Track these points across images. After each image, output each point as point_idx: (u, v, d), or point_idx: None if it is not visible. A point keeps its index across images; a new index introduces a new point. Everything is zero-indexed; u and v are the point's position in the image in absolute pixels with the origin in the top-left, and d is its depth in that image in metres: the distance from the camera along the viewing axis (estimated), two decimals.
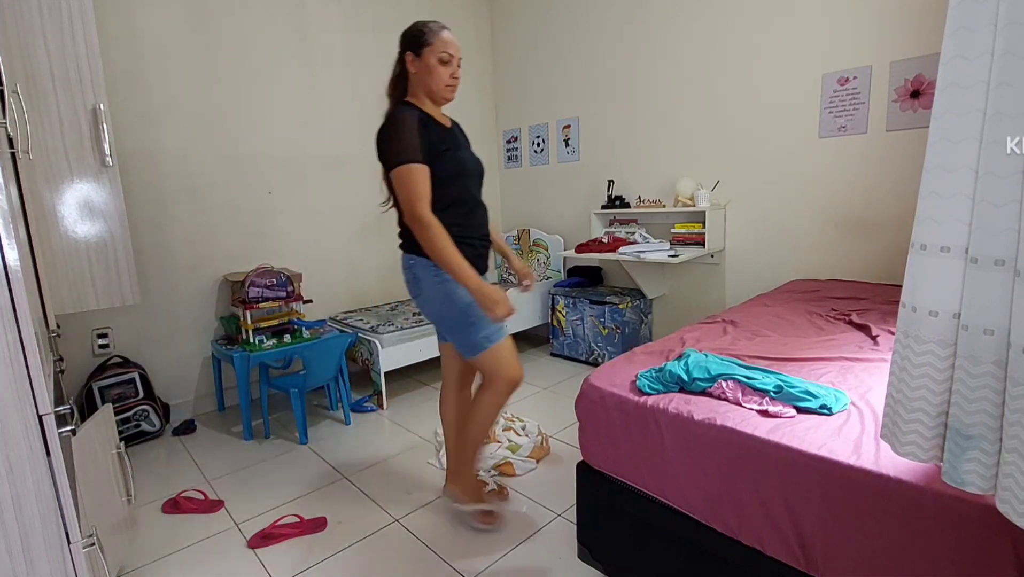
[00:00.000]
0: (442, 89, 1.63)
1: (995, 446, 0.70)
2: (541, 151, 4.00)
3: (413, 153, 1.53)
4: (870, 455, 0.98)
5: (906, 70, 2.34)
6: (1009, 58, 0.62)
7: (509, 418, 2.58)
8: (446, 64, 1.61)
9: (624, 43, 3.34)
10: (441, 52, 1.59)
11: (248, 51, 2.95)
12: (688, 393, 1.32)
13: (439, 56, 1.59)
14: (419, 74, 1.62)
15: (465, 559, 1.68)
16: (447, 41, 1.60)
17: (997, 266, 0.66)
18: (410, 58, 1.62)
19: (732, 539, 1.17)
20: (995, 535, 0.82)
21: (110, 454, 1.54)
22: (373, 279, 3.63)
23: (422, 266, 1.63)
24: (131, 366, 2.63)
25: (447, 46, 1.60)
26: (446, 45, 1.59)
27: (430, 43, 1.58)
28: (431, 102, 1.66)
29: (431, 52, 1.58)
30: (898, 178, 2.42)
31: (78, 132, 1.77)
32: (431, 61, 1.59)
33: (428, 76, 1.60)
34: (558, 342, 3.60)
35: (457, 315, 1.63)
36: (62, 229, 1.78)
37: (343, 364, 2.76)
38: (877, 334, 1.68)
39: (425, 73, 1.61)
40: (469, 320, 1.62)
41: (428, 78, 1.61)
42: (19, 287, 0.84)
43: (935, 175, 0.72)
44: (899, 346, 0.80)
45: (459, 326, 1.65)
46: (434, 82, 1.61)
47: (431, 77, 1.60)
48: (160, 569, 1.71)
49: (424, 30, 1.60)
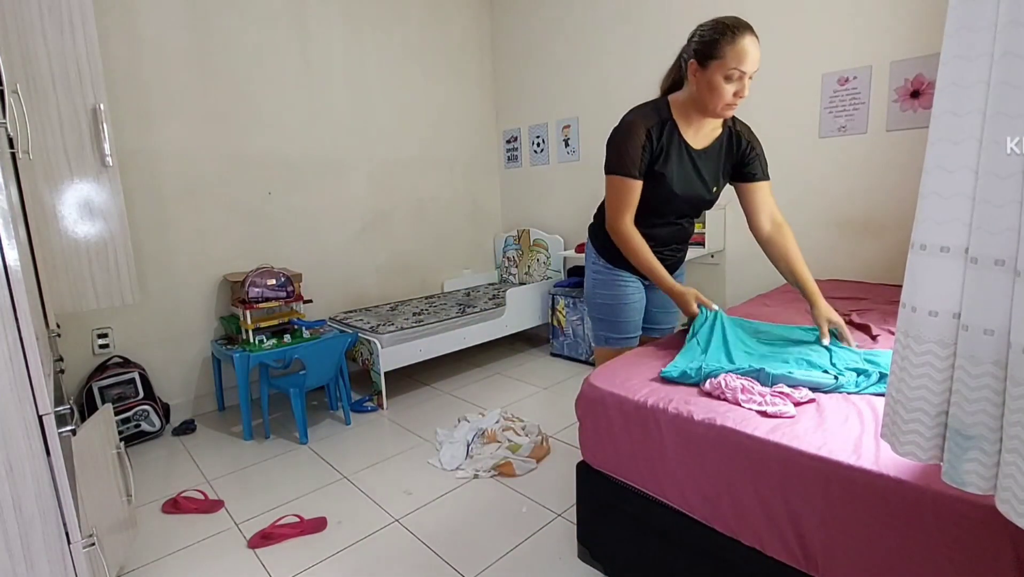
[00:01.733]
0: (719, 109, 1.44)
1: (995, 446, 0.70)
2: (541, 151, 4.00)
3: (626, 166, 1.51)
4: (870, 455, 0.98)
5: (906, 70, 2.34)
6: (1009, 58, 0.62)
7: (509, 418, 2.58)
8: (733, 81, 1.39)
9: (624, 43, 3.34)
10: (732, 68, 1.36)
11: (248, 51, 2.95)
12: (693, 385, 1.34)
13: (727, 73, 1.37)
14: (697, 87, 1.44)
15: (465, 559, 1.68)
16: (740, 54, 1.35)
17: (997, 266, 0.66)
18: (693, 67, 1.43)
19: (732, 539, 1.17)
20: (995, 535, 0.82)
21: (110, 454, 1.54)
22: (373, 279, 3.63)
23: (588, 253, 1.81)
24: (131, 366, 2.63)
25: (740, 60, 1.35)
26: (740, 59, 1.35)
27: (720, 56, 1.36)
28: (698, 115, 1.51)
29: (719, 67, 1.37)
30: (898, 178, 2.42)
31: (78, 132, 1.77)
32: (716, 78, 1.38)
33: (709, 91, 1.41)
34: (558, 342, 3.60)
35: (591, 305, 1.82)
36: (62, 229, 1.78)
37: (343, 364, 2.76)
38: (877, 334, 1.68)
39: (705, 89, 1.42)
40: (593, 315, 1.81)
41: (707, 92, 1.42)
42: (19, 287, 0.84)
43: (935, 175, 0.72)
44: (899, 346, 0.80)
45: (591, 316, 1.84)
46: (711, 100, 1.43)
47: (711, 93, 1.41)
48: (160, 569, 1.72)
49: (717, 39, 1.37)
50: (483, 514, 1.91)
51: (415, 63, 3.70)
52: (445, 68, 3.91)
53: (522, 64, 4.00)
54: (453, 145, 4.03)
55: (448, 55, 3.92)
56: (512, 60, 4.08)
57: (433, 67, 3.82)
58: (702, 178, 1.59)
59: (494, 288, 4.00)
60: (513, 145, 4.21)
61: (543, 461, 2.24)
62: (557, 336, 3.60)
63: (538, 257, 3.98)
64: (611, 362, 1.55)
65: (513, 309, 3.52)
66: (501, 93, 4.23)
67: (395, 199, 3.71)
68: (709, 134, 1.58)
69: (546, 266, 3.93)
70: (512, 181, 4.30)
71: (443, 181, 3.99)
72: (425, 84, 3.79)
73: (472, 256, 4.26)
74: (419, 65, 3.73)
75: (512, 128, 4.19)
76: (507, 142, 4.25)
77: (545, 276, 3.91)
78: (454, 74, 3.98)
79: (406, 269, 3.80)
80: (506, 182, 4.35)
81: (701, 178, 1.59)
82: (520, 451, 2.28)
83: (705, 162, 1.58)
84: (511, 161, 4.26)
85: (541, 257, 3.96)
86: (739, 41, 1.35)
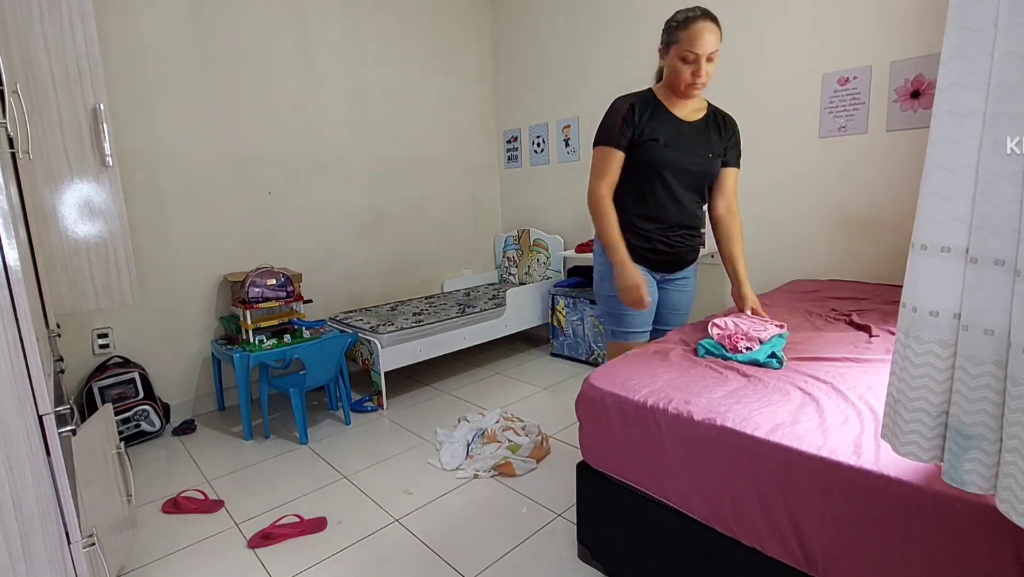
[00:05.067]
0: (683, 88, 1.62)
1: (995, 446, 0.70)
2: (541, 151, 4.00)
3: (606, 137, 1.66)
4: (870, 455, 0.98)
5: (906, 70, 2.34)
6: (1009, 58, 0.62)
7: (509, 418, 2.58)
8: (689, 63, 1.56)
9: (624, 43, 3.34)
10: (686, 51, 1.54)
11: (248, 51, 2.95)
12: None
13: (682, 55, 1.55)
14: (667, 70, 1.64)
15: (465, 559, 1.68)
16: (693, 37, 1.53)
17: (997, 266, 0.66)
18: (661, 52, 1.64)
19: (732, 539, 1.17)
20: (995, 535, 0.82)
21: (110, 454, 1.54)
22: (373, 279, 3.63)
23: (596, 248, 1.83)
24: (131, 366, 2.63)
25: (692, 43, 1.53)
26: (691, 42, 1.53)
27: (676, 40, 1.55)
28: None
29: (677, 50, 1.56)
30: (898, 178, 2.42)
31: (78, 132, 1.77)
32: (675, 61, 1.57)
33: (672, 73, 1.61)
34: (558, 342, 3.60)
35: (598, 297, 1.87)
36: (62, 229, 1.78)
37: (343, 364, 2.76)
38: (877, 334, 1.68)
39: (670, 71, 1.61)
40: (600, 310, 1.86)
41: (672, 75, 1.61)
42: (19, 287, 0.84)
43: (935, 175, 0.72)
44: (899, 346, 0.80)
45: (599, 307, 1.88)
46: (676, 79, 1.61)
47: (674, 75, 1.60)
48: (160, 569, 1.72)
49: (674, 25, 1.57)
50: (483, 514, 1.91)
51: (415, 63, 3.70)
52: (445, 68, 3.91)
53: (522, 64, 4.00)
54: (453, 145, 4.03)
55: (449, 55, 3.92)
56: (512, 60, 4.08)
57: (433, 67, 3.82)
58: (697, 144, 1.70)
59: (494, 288, 4.00)
60: (513, 145, 4.21)
61: (543, 461, 2.24)
62: (557, 336, 3.60)
63: (538, 257, 3.98)
64: (611, 362, 1.56)
65: (513, 309, 3.52)
66: (501, 93, 4.23)
67: (395, 199, 3.71)
68: (694, 112, 1.72)
69: (546, 266, 3.93)
70: (512, 181, 4.30)
71: (443, 181, 3.99)
72: (425, 84, 3.79)
73: (472, 256, 4.26)
74: (419, 65, 3.73)
75: (512, 128, 4.19)
76: (507, 142, 4.25)
77: (545, 276, 3.91)
78: (454, 74, 3.98)
79: (406, 269, 3.80)
80: (506, 182, 4.35)
81: (696, 144, 1.70)
82: (520, 451, 2.28)
83: (698, 132, 1.71)
84: (511, 161, 4.26)
85: (541, 257, 3.96)
86: (692, 26, 1.52)
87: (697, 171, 1.71)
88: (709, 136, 1.72)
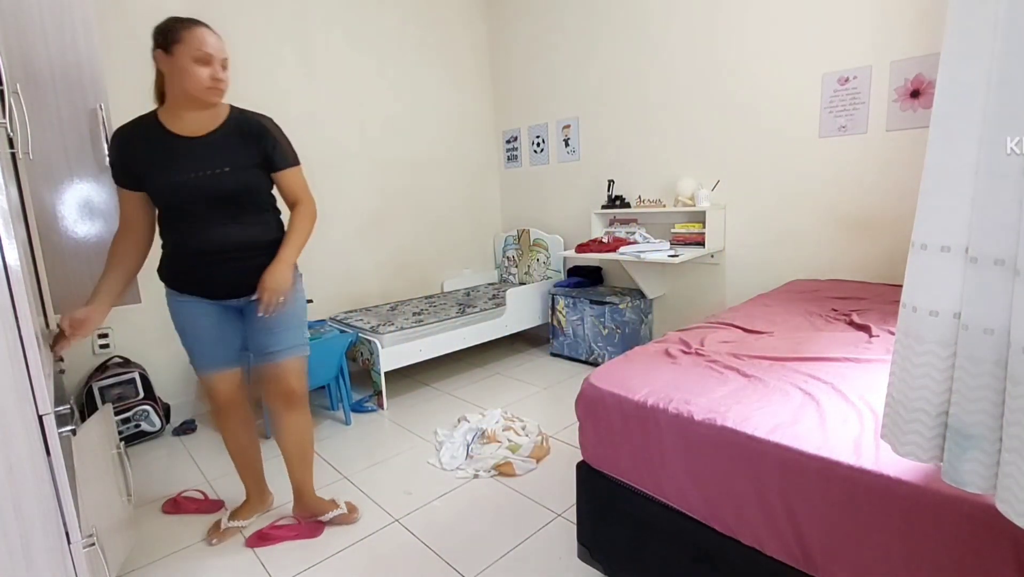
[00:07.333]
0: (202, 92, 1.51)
1: (995, 446, 0.70)
2: (541, 151, 4.00)
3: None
4: (870, 455, 0.98)
5: (906, 70, 2.34)
6: (1009, 58, 0.62)
7: (509, 418, 2.58)
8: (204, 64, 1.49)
9: (624, 42, 3.34)
10: (196, 50, 1.46)
11: (248, 51, 2.94)
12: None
13: (194, 55, 1.47)
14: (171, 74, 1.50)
15: (465, 559, 1.68)
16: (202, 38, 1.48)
17: (997, 266, 0.66)
18: (160, 56, 1.49)
19: (731, 539, 1.17)
20: (995, 535, 0.82)
21: (110, 454, 1.54)
22: (373, 279, 3.63)
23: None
24: (131, 366, 2.63)
25: (203, 43, 1.47)
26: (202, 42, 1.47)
27: (181, 40, 1.46)
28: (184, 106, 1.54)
29: (183, 50, 1.46)
30: (898, 178, 2.42)
31: (78, 133, 1.77)
32: (183, 62, 1.47)
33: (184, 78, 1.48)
34: (558, 342, 3.60)
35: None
36: (62, 229, 1.78)
37: (343, 364, 2.76)
38: (877, 334, 1.68)
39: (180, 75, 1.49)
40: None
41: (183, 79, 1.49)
42: (19, 287, 0.84)
43: (935, 175, 0.72)
44: (899, 346, 0.80)
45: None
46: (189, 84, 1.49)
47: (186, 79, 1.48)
48: (160, 569, 1.72)
49: (173, 25, 1.47)
50: (483, 514, 1.91)
51: (415, 63, 3.70)
52: (445, 68, 3.91)
53: (522, 64, 4.00)
54: (453, 145, 4.03)
55: (448, 55, 3.91)
56: (512, 60, 4.07)
57: (433, 67, 3.82)
58: (198, 161, 1.54)
59: (494, 288, 4.00)
60: (513, 145, 4.21)
61: (543, 461, 2.24)
62: (557, 336, 3.60)
63: (538, 257, 3.98)
64: (611, 362, 1.56)
65: (513, 309, 3.52)
66: (501, 93, 4.23)
67: (395, 199, 3.70)
68: (208, 123, 1.59)
69: (546, 266, 3.93)
70: (512, 181, 4.30)
71: (443, 181, 3.99)
72: (425, 84, 3.79)
73: (472, 256, 4.26)
74: (419, 65, 3.73)
75: (512, 128, 4.19)
76: (507, 142, 4.25)
77: (545, 276, 3.91)
78: (454, 74, 3.97)
79: (406, 269, 3.80)
80: (506, 182, 4.35)
81: (197, 161, 1.54)
82: (520, 451, 2.28)
83: (204, 147, 1.56)
84: (511, 161, 4.26)
85: (541, 257, 3.96)
86: (195, 28, 1.50)
87: (201, 189, 1.55)
88: (229, 147, 1.59)
